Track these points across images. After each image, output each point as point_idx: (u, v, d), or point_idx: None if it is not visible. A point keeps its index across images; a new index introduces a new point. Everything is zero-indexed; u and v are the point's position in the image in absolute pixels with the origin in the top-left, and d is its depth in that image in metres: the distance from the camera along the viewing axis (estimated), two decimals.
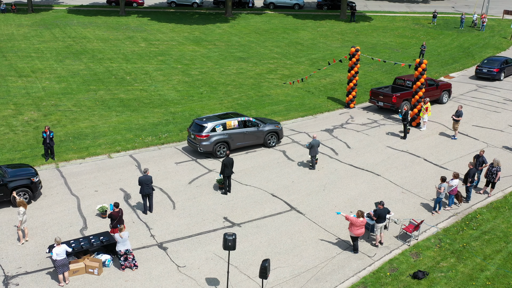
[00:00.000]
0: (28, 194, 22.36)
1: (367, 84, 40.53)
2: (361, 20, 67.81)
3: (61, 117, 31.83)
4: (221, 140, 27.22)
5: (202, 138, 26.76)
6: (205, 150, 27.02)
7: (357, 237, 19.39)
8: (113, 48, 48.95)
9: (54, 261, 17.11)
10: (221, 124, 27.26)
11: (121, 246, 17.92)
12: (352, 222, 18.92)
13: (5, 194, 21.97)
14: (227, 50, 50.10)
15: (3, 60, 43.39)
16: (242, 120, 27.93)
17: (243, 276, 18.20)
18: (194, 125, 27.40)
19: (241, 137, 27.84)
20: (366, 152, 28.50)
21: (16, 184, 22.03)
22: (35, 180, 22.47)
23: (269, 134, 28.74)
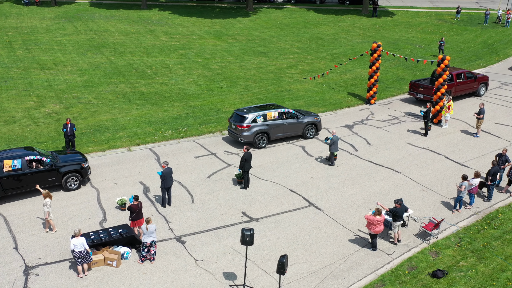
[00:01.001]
0: (78, 179, 23.31)
1: (388, 80, 40.17)
2: (383, 15, 67.19)
3: (82, 110, 32.11)
4: (262, 131, 27.70)
5: (243, 128, 27.29)
6: (245, 140, 27.50)
7: (376, 234, 19.25)
8: (134, 42, 49.20)
9: (73, 251, 17.28)
10: (261, 115, 27.75)
11: (147, 238, 18.03)
12: (370, 221, 18.77)
13: (57, 178, 22.92)
14: (248, 44, 50.02)
15: (26, 52, 43.89)
16: (282, 111, 28.39)
17: (260, 271, 18.20)
18: (235, 115, 27.92)
19: (280, 128, 28.24)
20: (386, 148, 28.26)
21: (67, 169, 23.01)
22: (84, 165, 23.45)
23: (308, 126, 29.07)
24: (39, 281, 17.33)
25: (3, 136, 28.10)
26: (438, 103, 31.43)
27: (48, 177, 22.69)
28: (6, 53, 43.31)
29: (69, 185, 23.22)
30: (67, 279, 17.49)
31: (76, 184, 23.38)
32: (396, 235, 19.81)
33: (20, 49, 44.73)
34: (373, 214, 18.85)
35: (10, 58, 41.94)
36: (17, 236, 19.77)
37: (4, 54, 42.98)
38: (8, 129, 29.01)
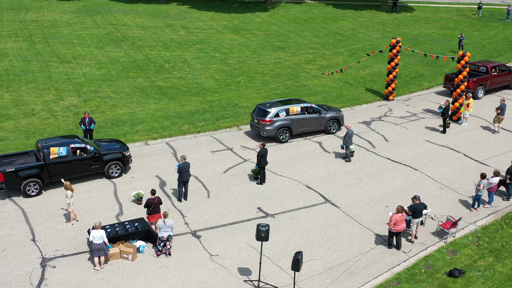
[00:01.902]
0: (119, 167, 23.85)
1: (407, 76, 39.79)
2: (403, 10, 66.53)
3: (100, 103, 32.31)
4: (284, 126, 27.73)
5: (266, 122, 27.35)
6: (268, 134, 27.57)
7: (399, 233, 18.97)
8: (153, 36, 49.34)
9: (91, 243, 17.39)
10: (284, 109, 27.78)
11: (163, 232, 18.08)
12: (396, 220, 18.51)
13: (100, 166, 23.55)
14: (266, 39, 49.88)
15: (46, 46, 44.26)
16: (304, 106, 28.38)
17: (275, 267, 18.16)
18: (258, 110, 28.00)
19: (303, 123, 28.25)
20: (404, 145, 28.00)
21: (110, 157, 23.60)
22: (126, 154, 24.05)
23: (331, 121, 29.06)
24: (55, 273, 17.49)
25: (22, 129, 28.39)
26: (458, 100, 31.04)
27: (91, 164, 23.35)
28: (26, 47, 43.72)
29: (111, 173, 23.82)
30: (83, 271, 17.62)
31: (118, 172, 23.97)
32: (413, 232, 19.63)
33: (40, 43, 45.12)
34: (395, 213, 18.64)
35: (30, 52, 42.33)
36: (34, 228, 19.97)
37: (24, 48, 43.40)
38: (27, 122, 29.30)
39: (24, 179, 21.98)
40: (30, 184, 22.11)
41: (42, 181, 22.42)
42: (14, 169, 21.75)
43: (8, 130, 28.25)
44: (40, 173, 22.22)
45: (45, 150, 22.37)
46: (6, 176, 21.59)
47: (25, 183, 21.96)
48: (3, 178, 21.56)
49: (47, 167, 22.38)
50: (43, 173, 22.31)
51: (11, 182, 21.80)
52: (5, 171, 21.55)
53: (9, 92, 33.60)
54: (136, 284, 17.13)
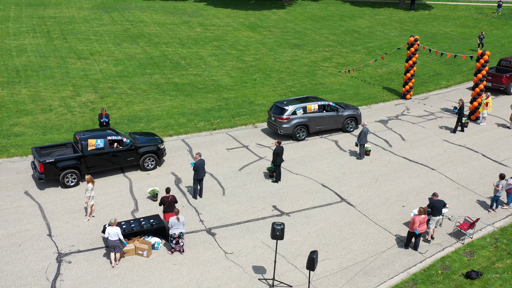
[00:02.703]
0: (154, 159, 24.28)
1: (425, 74, 39.40)
2: (421, 8, 65.91)
3: (116, 100, 32.42)
4: (301, 123, 27.64)
5: (283, 120, 27.25)
6: (285, 132, 27.48)
7: (419, 234, 18.77)
8: (169, 33, 49.42)
9: (106, 239, 17.44)
10: (301, 107, 27.67)
11: (175, 230, 18.07)
12: (418, 221, 18.32)
13: (136, 158, 23.95)
14: (282, 36, 49.70)
15: (64, 42, 44.54)
16: (322, 104, 28.22)
17: (290, 266, 18.07)
18: (275, 107, 27.94)
19: (320, 121, 28.14)
20: (421, 145, 27.72)
21: (146, 149, 24.04)
22: (161, 147, 24.40)
23: (348, 119, 28.91)
24: (71, 268, 17.58)
25: (39, 124, 28.60)
26: (476, 99, 30.65)
27: (127, 156, 23.74)
28: (44, 43, 44.04)
29: (146, 165, 24.24)
30: (98, 267, 17.69)
31: (152, 165, 24.36)
32: (431, 231, 19.41)
33: (58, 39, 45.42)
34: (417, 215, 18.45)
35: (48, 48, 42.64)
36: (51, 223, 20.09)
37: (42, 44, 43.72)
38: (45, 117, 29.50)
39: (63, 170, 22.47)
40: (69, 175, 22.58)
41: (80, 172, 22.91)
42: (54, 160, 22.23)
43: (26, 125, 28.47)
44: (78, 164, 22.70)
45: (83, 142, 22.84)
46: (45, 167, 22.08)
47: (64, 174, 22.47)
48: (43, 169, 22.04)
49: (85, 159, 22.87)
50: (81, 164, 22.79)
51: (50, 173, 22.26)
52: (45, 161, 22.04)
53: (27, 87, 33.86)
54: (151, 280, 17.16)
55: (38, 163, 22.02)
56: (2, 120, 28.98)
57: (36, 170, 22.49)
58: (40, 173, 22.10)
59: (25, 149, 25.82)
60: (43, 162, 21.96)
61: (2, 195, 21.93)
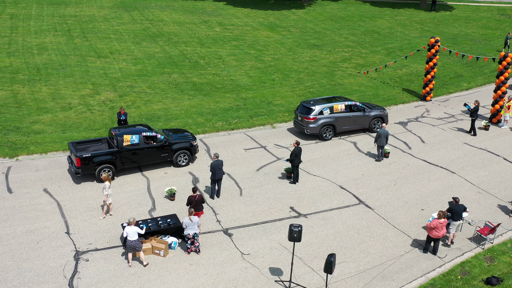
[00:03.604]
0: (187, 156, 24.66)
1: (445, 76, 38.95)
2: (442, 9, 65.18)
3: (135, 99, 32.54)
4: (328, 123, 27.67)
5: (310, 120, 27.29)
6: (311, 132, 27.52)
7: (438, 239, 18.52)
8: (189, 32, 49.51)
9: (125, 238, 17.43)
10: (328, 107, 27.69)
11: (189, 230, 18.03)
12: (434, 225, 18.08)
13: (169, 154, 24.36)
14: (301, 37, 49.51)
15: (84, 40, 44.86)
16: (349, 104, 28.18)
17: (307, 268, 17.95)
18: (301, 107, 27.99)
19: (347, 121, 28.11)
20: (441, 148, 27.38)
21: (179, 146, 24.45)
22: (194, 143, 24.77)
23: (375, 119, 28.86)
24: (88, 267, 17.65)
25: (59, 122, 28.81)
26: (498, 102, 30.21)
27: (161, 153, 24.14)
28: (64, 41, 44.40)
29: (179, 162, 24.61)
30: (115, 266, 17.74)
31: (185, 161, 24.71)
32: (451, 235, 19.12)
33: (78, 37, 45.76)
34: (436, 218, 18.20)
35: (68, 46, 42.97)
36: (69, 221, 20.21)
37: (63, 42, 44.07)
38: (64, 116, 29.71)
39: (99, 165, 22.86)
40: (104, 170, 22.94)
41: (115, 167, 23.33)
42: (90, 154, 22.63)
43: (45, 123, 28.70)
44: (114, 160, 23.15)
45: (118, 138, 23.23)
46: (82, 161, 22.48)
47: (100, 169, 22.86)
48: (80, 163, 22.43)
49: (120, 154, 23.26)
50: (116, 159, 23.23)
51: (87, 167, 22.71)
52: (82, 156, 22.46)
53: (47, 85, 34.15)
54: (167, 280, 17.15)
55: (75, 157, 22.47)
56: (22, 117, 29.26)
57: (73, 164, 22.99)
58: (77, 167, 22.57)
59: (44, 147, 26.03)
60: (80, 157, 22.43)
61: (21, 192, 22.12)
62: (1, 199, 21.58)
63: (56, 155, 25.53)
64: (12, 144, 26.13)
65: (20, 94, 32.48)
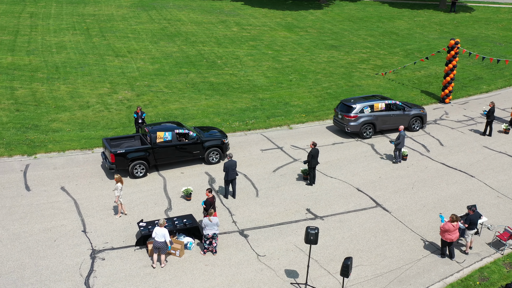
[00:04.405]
0: (219, 153, 24.91)
1: (465, 78, 38.51)
2: (462, 10, 64.50)
3: (153, 98, 32.63)
4: (368, 122, 28.01)
5: (351, 118, 27.60)
6: (352, 130, 27.87)
7: (451, 242, 18.30)
8: (206, 32, 49.56)
9: (153, 239, 17.36)
10: (369, 105, 27.98)
11: (209, 230, 17.94)
12: (445, 228, 17.89)
13: (201, 152, 24.68)
14: (319, 37, 49.29)
15: (102, 39, 45.12)
16: (389, 103, 28.46)
17: (323, 271, 17.82)
18: (342, 105, 28.34)
19: (387, 120, 28.41)
20: (460, 151, 27.05)
21: (211, 143, 24.76)
22: (225, 141, 25.08)
23: (414, 118, 29.07)
24: (104, 265, 17.70)
25: (77, 121, 28.98)
26: None
27: (193, 150, 24.46)
28: (83, 40, 44.69)
29: (211, 159, 24.93)
30: (131, 265, 17.76)
31: (217, 158, 24.99)
32: (468, 243, 18.85)
33: (96, 36, 46.04)
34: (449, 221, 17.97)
35: (87, 45, 43.24)
36: (86, 219, 20.29)
37: (81, 41, 44.37)
38: (82, 114, 29.89)
39: (132, 161, 23.18)
40: (137, 166, 23.26)
41: (148, 163, 23.65)
42: (124, 151, 22.94)
43: (63, 121, 28.89)
44: (147, 156, 23.48)
45: (152, 134, 23.51)
46: (116, 157, 22.79)
47: (133, 165, 23.19)
48: (114, 159, 22.74)
49: (153, 150, 23.59)
50: (149, 156, 23.56)
51: (121, 163, 23.06)
52: (116, 152, 22.77)
53: (65, 84, 34.38)
54: (183, 280, 17.14)
55: (110, 153, 22.78)
56: (41, 115, 29.49)
57: (107, 160, 23.35)
58: (111, 163, 22.90)
59: (62, 145, 26.19)
60: (115, 153, 22.73)
61: (39, 190, 22.27)
62: (19, 196, 21.75)
63: (74, 154, 25.68)
64: (30, 142, 26.34)
65: (39, 92, 32.76)
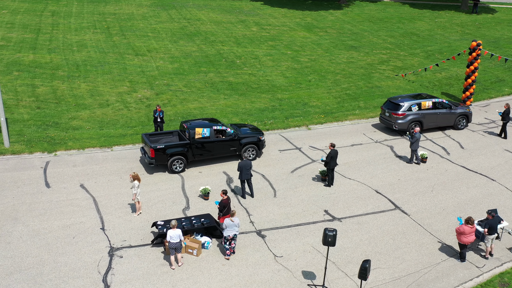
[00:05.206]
0: (255, 150, 25.25)
1: (486, 81, 38.03)
2: (484, 11, 63.72)
3: (172, 97, 32.75)
4: (416, 120, 28.37)
5: (399, 116, 27.94)
6: (400, 128, 28.23)
7: (466, 245, 18.14)
8: (225, 31, 49.62)
9: (168, 242, 17.39)
10: (416, 104, 28.29)
11: (230, 231, 17.84)
12: (460, 231, 17.69)
13: (238, 148, 25.03)
14: (339, 38, 49.06)
15: (122, 38, 45.41)
16: (435, 101, 28.84)
17: (340, 273, 17.70)
18: (389, 103, 28.78)
19: (434, 118, 28.75)
20: (481, 154, 26.71)
21: (247, 140, 25.08)
22: (262, 138, 25.33)
23: (460, 117, 29.41)
24: (122, 263, 17.79)
25: (96, 119, 29.19)
26: None
27: (230, 146, 24.87)
28: (103, 39, 45.03)
29: (247, 156, 25.19)
30: (148, 263, 17.83)
31: (253, 155, 25.34)
32: (488, 248, 18.57)
33: (116, 35, 46.35)
34: (464, 224, 17.77)
35: (107, 44, 43.56)
36: (104, 217, 20.42)
37: (102, 40, 44.71)
38: (102, 112, 30.10)
39: (171, 156, 23.61)
40: (176, 161, 23.67)
41: (186, 159, 24.12)
42: (164, 146, 23.32)
43: (83, 119, 29.13)
44: (185, 152, 23.93)
45: (190, 130, 23.94)
46: (156, 152, 23.21)
47: (172, 160, 23.61)
48: (154, 154, 23.15)
49: (192, 146, 24.02)
50: (188, 151, 24.01)
51: (160, 158, 23.54)
52: (156, 147, 23.20)
53: (86, 82, 34.67)
54: (200, 279, 17.15)
55: (149, 148, 23.18)
56: (61, 113, 29.76)
57: (146, 155, 23.74)
58: (151, 158, 23.32)
59: (82, 143, 26.41)
60: (154, 148, 23.13)
61: (59, 187, 22.48)
62: (39, 193, 21.97)
63: (93, 151, 25.87)
64: (51, 139, 26.60)
65: (59, 90, 33.07)
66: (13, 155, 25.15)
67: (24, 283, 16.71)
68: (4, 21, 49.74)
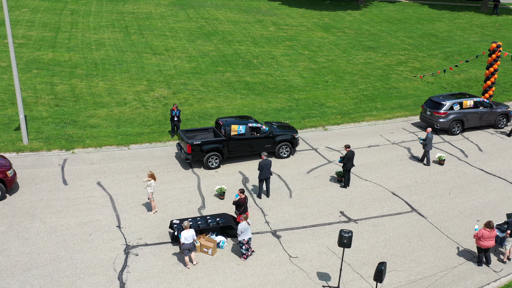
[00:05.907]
0: (289, 148, 25.51)
1: (506, 83, 37.57)
2: (504, 13, 62.98)
3: (188, 96, 32.84)
4: (457, 119, 28.55)
5: (440, 115, 28.14)
6: (441, 127, 28.43)
7: (487, 249, 17.89)
8: (243, 31, 49.64)
9: (182, 244, 17.43)
10: (458, 103, 28.39)
11: (245, 235, 17.66)
12: (480, 235, 17.49)
13: (272, 146, 25.34)
14: (356, 38, 48.82)
15: (140, 37, 45.66)
16: (477, 100, 29.01)
17: (355, 275, 17.60)
18: (430, 102, 29.01)
19: (475, 117, 29.03)
20: (500, 157, 26.39)
21: (282, 138, 25.39)
22: (296, 136, 25.56)
23: (501, 116, 29.74)
24: (137, 261, 17.87)
25: (114, 117, 29.38)
26: None
27: (265, 143, 25.15)
28: (122, 37, 45.33)
29: (281, 153, 25.53)
30: (163, 262, 17.89)
31: (287, 153, 25.60)
32: (507, 252, 18.36)
33: (135, 34, 46.63)
34: (484, 228, 17.56)
35: (125, 42, 43.83)
36: (120, 215, 20.54)
37: (120, 38, 45.01)
38: (119, 111, 30.29)
39: (207, 152, 23.99)
40: (212, 157, 24.07)
41: (222, 155, 24.46)
42: (200, 142, 23.71)
43: (101, 117, 29.34)
44: (221, 148, 24.34)
45: (226, 127, 24.19)
46: (193, 148, 23.53)
47: (208, 156, 24.03)
48: (190, 150, 23.49)
49: (228, 143, 24.37)
50: (223, 148, 24.39)
51: (196, 154, 23.97)
52: (193, 143, 23.60)
53: (104, 81, 34.92)
54: (214, 279, 17.17)
55: (186, 144, 23.54)
56: (79, 111, 30.01)
57: (183, 151, 24.07)
58: (187, 153, 23.68)
59: (99, 141, 26.60)
60: (191, 144, 23.48)
61: (76, 185, 22.66)
62: (56, 190, 22.17)
63: (110, 150, 26.05)
64: (68, 137, 26.83)
65: (78, 88, 33.36)
66: (32, 152, 25.42)
67: (41, 279, 16.87)
68: (24, 19, 50.32)
